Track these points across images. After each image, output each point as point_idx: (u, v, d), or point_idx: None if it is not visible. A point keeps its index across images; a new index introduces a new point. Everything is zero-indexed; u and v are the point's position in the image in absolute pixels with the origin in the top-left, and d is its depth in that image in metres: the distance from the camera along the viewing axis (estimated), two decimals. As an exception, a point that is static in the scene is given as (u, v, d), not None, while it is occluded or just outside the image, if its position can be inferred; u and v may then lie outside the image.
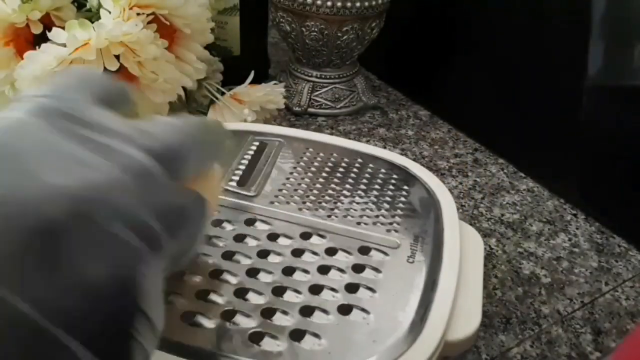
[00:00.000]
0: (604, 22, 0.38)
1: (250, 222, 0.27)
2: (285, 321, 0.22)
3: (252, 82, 0.41)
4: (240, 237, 0.26)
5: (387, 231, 0.27)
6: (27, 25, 0.34)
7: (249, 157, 0.31)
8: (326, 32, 0.46)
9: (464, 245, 0.26)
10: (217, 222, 0.26)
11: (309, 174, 0.30)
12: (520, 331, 0.30)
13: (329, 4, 0.44)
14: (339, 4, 0.44)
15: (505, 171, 0.45)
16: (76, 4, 0.36)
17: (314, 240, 0.26)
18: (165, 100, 0.36)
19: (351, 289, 0.23)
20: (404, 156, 0.33)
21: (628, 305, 0.33)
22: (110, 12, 0.33)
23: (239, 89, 0.41)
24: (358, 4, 0.44)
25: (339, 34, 0.46)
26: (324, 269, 0.24)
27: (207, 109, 0.41)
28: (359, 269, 0.24)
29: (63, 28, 0.32)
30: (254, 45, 0.51)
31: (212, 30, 0.40)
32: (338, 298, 0.23)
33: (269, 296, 0.23)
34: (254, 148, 0.32)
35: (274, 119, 0.44)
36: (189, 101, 0.42)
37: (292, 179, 0.30)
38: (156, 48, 0.33)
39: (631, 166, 0.38)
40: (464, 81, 0.49)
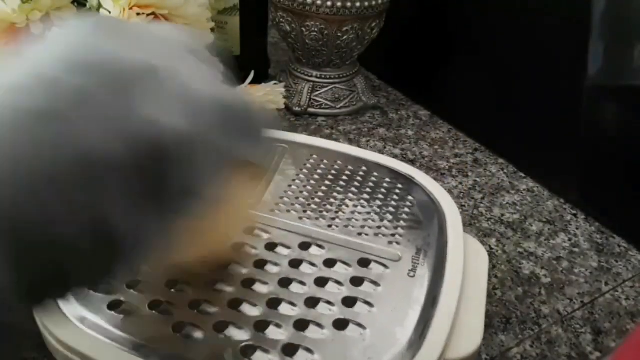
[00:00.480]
0: (604, 22, 0.37)
1: (248, 230, 0.26)
2: (279, 335, 0.21)
3: (252, 82, 0.41)
4: (237, 246, 0.25)
5: (388, 243, 0.26)
6: (27, 25, 0.34)
7: None
8: (326, 32, 0.46)
9: (468, 259, 0.25)
10: None
11: (312, 181, 0.30)
12: (520, 331, 0.30)
13: (329, 4, 0.44)
14: (339, 4, 0.44)
15: (505, 171, 0.45)
16: (76, 4, 0.36)
17: (313, 250, 0.25)
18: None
19: (348, 302, 0.23)
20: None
21: (628, 305, 0.33)
22: (110, 12, 0.33)
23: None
24: (358, 4, 0.44)
25: (339, 34, 0.46)
26: (321, 281, 0.24)
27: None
28: (357, 282, 0.24)
29: (63, 28, 0.32)
30: (254, 45, 0.51)
31: (212, 30, 0.40)
32: (334, 312, 0.22)
33: (263, 308, 0.22)
34: None
35: (274, 118, 0.44)
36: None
37: (294, 186, 0.29)
38: (156, 48, 0.33)
39: (631, 166, 0.38)
40: (464, 81, 0.49)
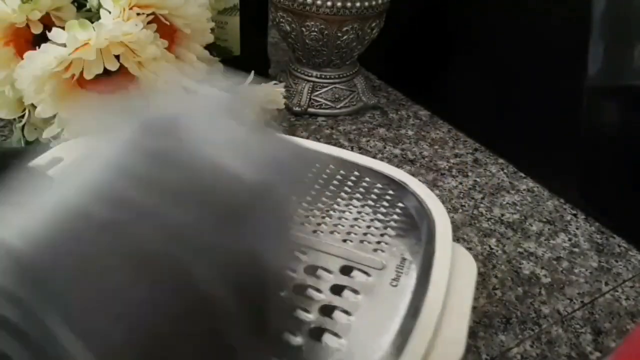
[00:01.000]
0: (604, 22, 0.37)
1: None
2: None
3: (252, 82, 0.41)
4: None
5: (373, 250, 0.25)
6: (27, 25, 0.34)
7: None
8: (326, 32, 0.46)
9: (455, 269, 0.24)
10: None
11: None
12: (520, 331, 0.30)
13: (329, 4, 0.44)
14: (339, 4, 0.44)
15: (505, 171, 0.45)
16: (76, 4, 0.36)
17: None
18: (165, 100, 0.36)
19: (326, 311, 0.22)
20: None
21: (628, 305, 0.33)
22: (110, 12, 0.33)
23: (239, 89, 0.40)
24: (358, 4, 0.44)
25: (339, 34, 0.46)
26: (299, 288, 0.23)
27: (207, 109, 0.41)
28: (337, 289, 0.23)
29: (63, 28, 0.32)
30: (254, 45, 0.51)
31: (212, 30, 0.40)
32: (310, 320, 0.21)
33: None
34: None
35: (274, 119, 0.44)
36: (189, 101, 0.42)
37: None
38: (156, 48, 0.33)
39: (631, 166, 0.38)
40: (464, 81, 0.49)
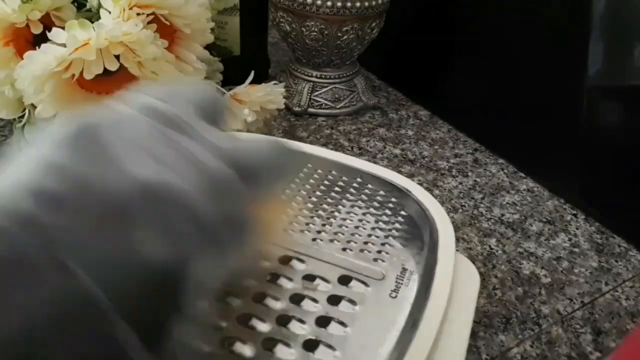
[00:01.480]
0: (604, 22, 0.38)
1: None
2: (247, 350, 0.20)
3: (252, 82, 0.41)
4: None
5: (374, 260, 0.24)
6: (27, 25, 0.34)
7: None
8: (326, 32, 0.46)
9: (458, 281, 0.24)
10: None
11: (302, 191, 0.29)
12: (520, 331, 0.30)
13: (329, 4, 0.44)
14: (339, 4, 0.44)
15: (505, 171, 0.45)
16: (76, 4, 0.36)
17: (293, 264, 0.24)
18: (165, 100, 0.36)
19: (322, 322, 0.21)
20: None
21: (628, 305, 0.33)
22: (110, 12, 0.33)
23: (239, 89, 0.40)
24: (358, 4, 0.44)
25: (339, 34, 0.46)
26: (296, 298, 0.22)
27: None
28: (335, 300, 0.22)
29: (63, 28, 0.32)
30: (254, 45, 0.51)
31: (212, 30, 0.40)
32: (306, 331, 0.21)
33: (232, 324, 0.21)
34: None
35: (274, 119, 0.44)
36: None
37: (283, 197, 0.28)
38: (156, 48, 0.33)
39: (631, 166, 0.38)
40: (464, 81, 0.49)
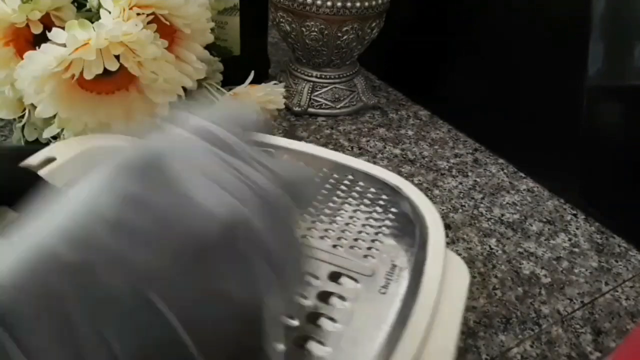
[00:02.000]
0: (604, 22, 0.38)
1: None
2: None
3: (252, 82, 0.41)
4: None
5: (363, 256, 0.25)
6: (27, 25, 0.34)
7: None
8: (326, 32, 0.46)
9: (447, 277, 0.24)
10: None
11: None
12: (520, 331, 0.30)
13: (329, 4, 0.44)
14: (339, 4, 0.44)
15: (505, 171, 0.45)
16: (76, 4, 0.36)
17: None
18: (165, 100, 0.36)
19: (312, 318, 0.21)
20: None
21: (628, 305, 0.33)
22: (110, 12, 0.33)
23: (239, 89, 0.40)
24: (358, 4, 0.44)
25: (339, 34, 0.46)
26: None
27: (207, 109, 0.41)
28: (324, 296, 0.22)
29: (63, 28, 0.32)
30: (254, 45, 0.51)
31: (212, 30, 0.40)
32: (295, 326, 0.21)
33: None
34: None
35: (274, 119, 0.44)
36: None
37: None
38: (156, 48, 0.33)
39: (631, 166, 0.38)
40: (464, 81, 0.49)
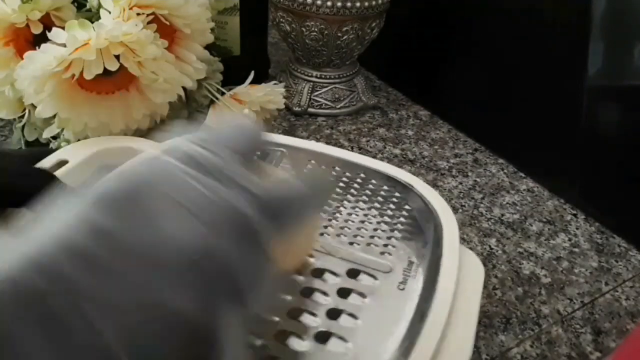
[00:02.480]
0: (604, 22, 0.38)
1: None
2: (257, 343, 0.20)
3: (252, 82, 0.41)
4: None
5: (380, 254, 0.25)
6: (27, 25, 0.34)
7: None
8: (326, 32, 0.46)
9: (463, 273, 0.24)
10: None
11: None
12: (520, 331, 0.30)
13: (329, 4, 0.44)
14: (339, 4, 0.44)
15: (505, 171, 0.45)
16: (76, 4, 0.36)
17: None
18: (165, 100, 0.36)
19: (333, 314, 0.22)
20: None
21: (628, 305, 0.33)
22: (110, 12, 0.33)
23: (239, 89, 0.40)
24: (358, 4, 0.44)
25: (339, 34, 0.46)
26: (306, 292, 0.23)
27: (207, 109, 0.41)
28: (344, 293, 0.23)
29: (63, 28, 0.32)
30: (254, 45, 0.51)
31: (212, 30, 0.40)
32: (317, 323, 0.21)
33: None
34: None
35: (274, 119, 0.44)
36: (189, 101, 0.42)
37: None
38: (156, 48, 0.33)
39: (631, 166, 0.38)
40: (464, 81, 0.49)
